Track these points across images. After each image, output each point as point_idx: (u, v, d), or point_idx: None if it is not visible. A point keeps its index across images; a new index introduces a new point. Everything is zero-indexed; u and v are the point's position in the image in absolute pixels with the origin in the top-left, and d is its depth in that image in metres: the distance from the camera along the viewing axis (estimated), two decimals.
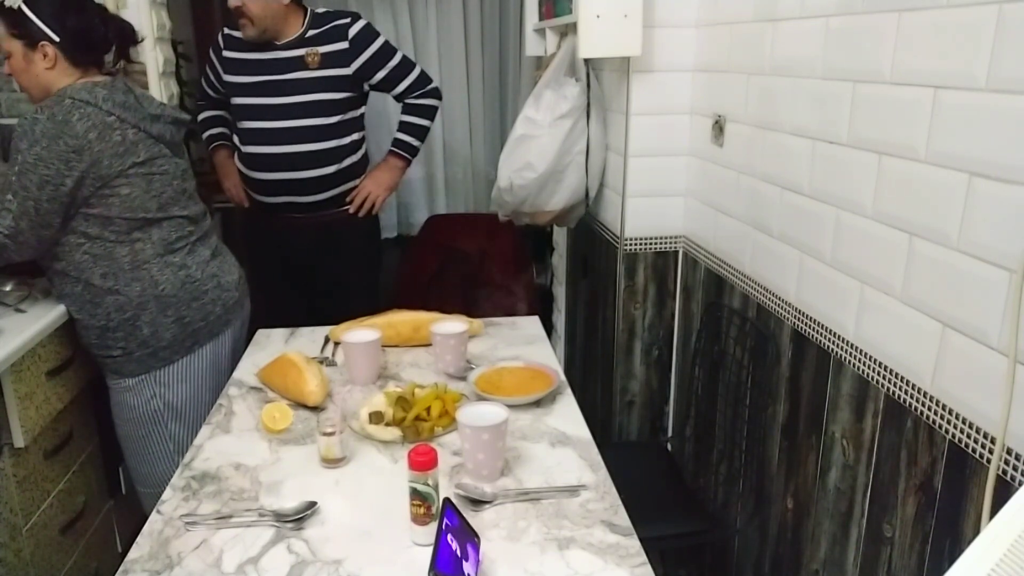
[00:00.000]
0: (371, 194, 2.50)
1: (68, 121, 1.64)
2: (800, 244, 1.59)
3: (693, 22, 2.04)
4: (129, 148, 1.72)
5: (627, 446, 2.35)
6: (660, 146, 2.14)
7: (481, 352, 1.78)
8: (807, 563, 1.61)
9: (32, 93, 1.80)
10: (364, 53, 2.38)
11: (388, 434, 1.38)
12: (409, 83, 2.47)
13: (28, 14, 1.70)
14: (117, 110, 1.71)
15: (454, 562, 0.96)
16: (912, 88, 1.21)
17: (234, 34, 2.40)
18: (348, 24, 2.37)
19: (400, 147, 2.54)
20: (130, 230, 1.76)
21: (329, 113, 2.37)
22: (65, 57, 1.74)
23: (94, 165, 1.67)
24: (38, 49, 1.72)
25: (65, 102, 1.66)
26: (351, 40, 2.36)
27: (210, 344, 1.91)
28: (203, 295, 1.87)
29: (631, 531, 1.13)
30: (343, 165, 2.43)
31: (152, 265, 1.79)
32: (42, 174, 1.63)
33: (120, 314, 1.78)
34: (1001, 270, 1.05)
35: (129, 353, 1.81)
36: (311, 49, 2.35)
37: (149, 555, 1.10)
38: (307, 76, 2.35)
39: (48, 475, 1.80)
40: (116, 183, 1.71)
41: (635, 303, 2.28)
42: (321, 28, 2.37)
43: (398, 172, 2.57)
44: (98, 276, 1.76)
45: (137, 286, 1.78)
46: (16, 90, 2.48)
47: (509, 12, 3.80)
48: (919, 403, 1.23)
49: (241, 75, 2.39)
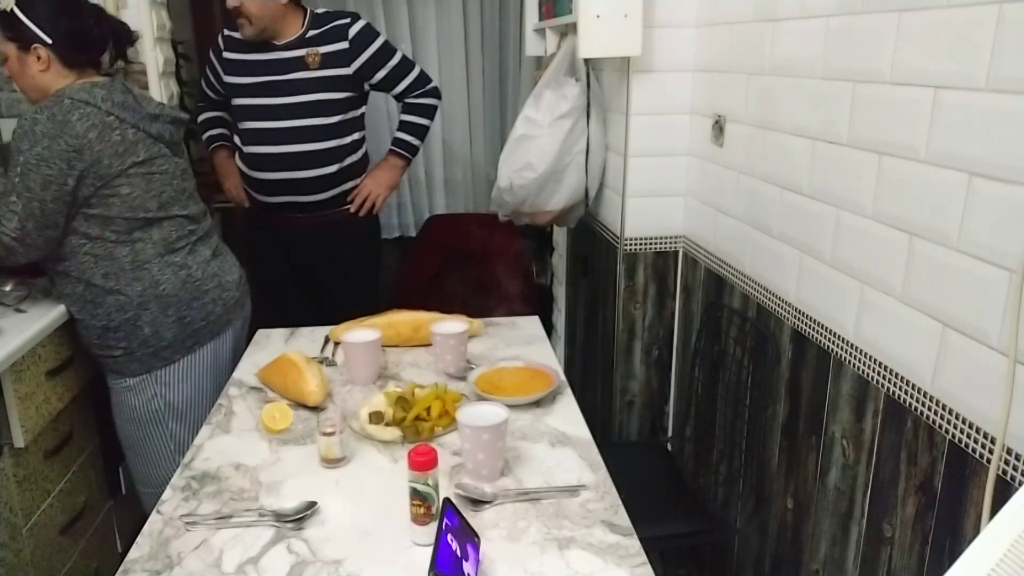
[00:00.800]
0: (371, 193, 2.51)
1: (68, 121, 1.64)
2: (800, 244, 1.59)
3: (693, 22, 2.04)
4: (129, 148, 1.72)
5: (627, 446, 2.35)
6: (660, 146, 2.14)
7: (481, 352, 1.78)
8: (807, 563, 1.61)
9: (29, 95, 1.81)
10: (364, 53, 2.38)
11: (388, 434, 1.38)
12: (409, 82, 2.47)
13: (20, 17, 1.71)
14: (116, 110, 1.71)
15: (454, 562, 0.96)
16: (912, 88, 1.21)
17: (234, 35, 2.40)
18: (348, 24, 2.37)
19: (400, 146, 2.54)
20: (131, 230, 1.76)
21: (330, 113, 2.37)
22: (59, 59, 1.74)
23: (94, 164, 1.67)
24: (31, 51, 1.72)
25: (64, 102, 1.66)
26: (351, 40, 2.36)
27: (211, 344, 1.91)
28: (204, 295, 1.88)
29: (631, 531, 1.13)
30: (344, 164, 2.43)
31: (153, 265, 1.80)
32: (45, 174, 1.63)
33: (121, 314, 1.78)
34: (1001, 270, 1.05)
35: (130, 353, 1.81)
36: (311, 49, 2.35)
37: (149, 555, 1.10)
38: (308, 76, 2.35)
39: (48, 475, 1.80)
40: (116, 183, 1.71)
41: (635, 303, 2.28)
42: (321, 28, 2.37)
43: (398, 171, 2.57)
44: (99, 276, 1.76)
45: (138, 286, 1.78)
46: (16, 90, 2.49)
47: (509, 12, 3.80)
48: (919, 403, 1.23)
49: (241, 76, 2.40)
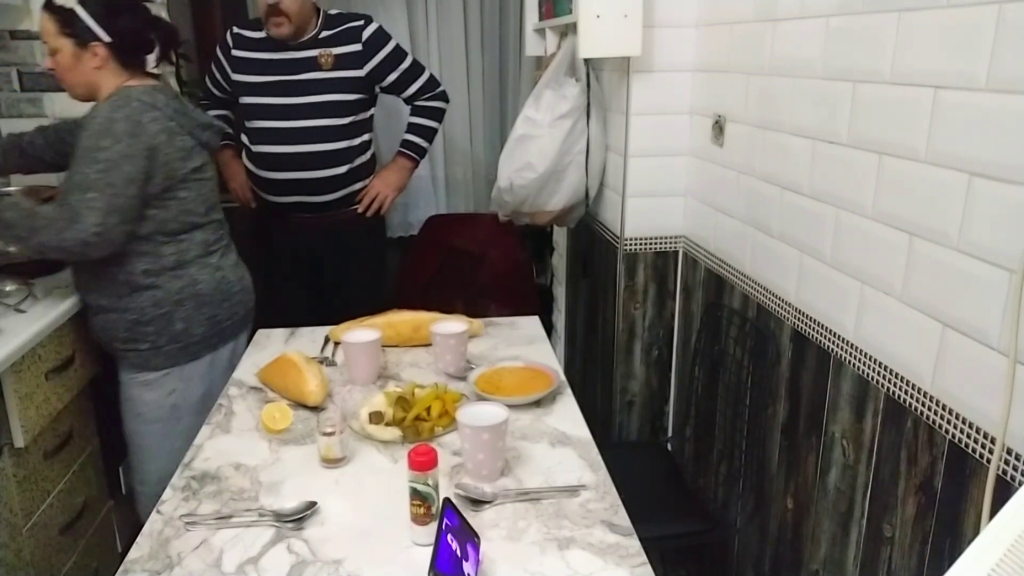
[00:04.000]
0: (379, 194, 2.52)
1: (141, 122, 1.67)
2: (800, 244, 1.59)
3: (693, 22, 2.04)
4: (188, 154, 1.77)
5: (627, 446, 2.35)
6: (660, 146, 2.14)
7: (481, 352, 1.78)
8: (807, 563, 1.61)
9: (76, 92, 1.80)
10: (377, 56, 2.38)
11: (388, 434, 1.38)
12: (419, 86, 2.48)
13: (81, 14, 1.70)
14: (176, 116, 1.75)
15: (454, 562, 0.96)
16: (912, 88, 1.21)
17: (244, 33, 2.39)
18: (362, 27, 2.38)
19: (409, 148, 2.55)
20: (179, 232, 1.80)
21: (341, 114, 2.37)
22: (115, 58, 1.74)
23: (165, 166, 1.71)
24: (88, 48, 1.72)
25: (134, 104, 1.68)
26: (365, 42, 2.37)
27: (231, 343, 1.95)
28: (232, 296, 1.92)
29: (631, 531, 1.13)
30: (353, 165, 2.43)
31: (192, 265, 1.83)
32: (127, 171, 1.64)
33: (156, 309, 1.80)
34: (1001, 270, 1.05)
35: (158, 347, 1.83)
36: (324, 50, 2.34)
37: (149, 555, 1.10)
38: (320, 77, 2.35)
39: (48, 475, 1.80)
40: (178, 186, 1.76)
41: (635, 303, 2.28)
42: (334, 29, 2.37)
43: (406, 173, 2.58)
44: (140, 272, 1.78)
45: (178, 283, 1.81)
46: (16, 90, 2.49)
47: (509, 12, 3.80)
48: (919, 403, 1.23)
49: (251, 74, 2.38)
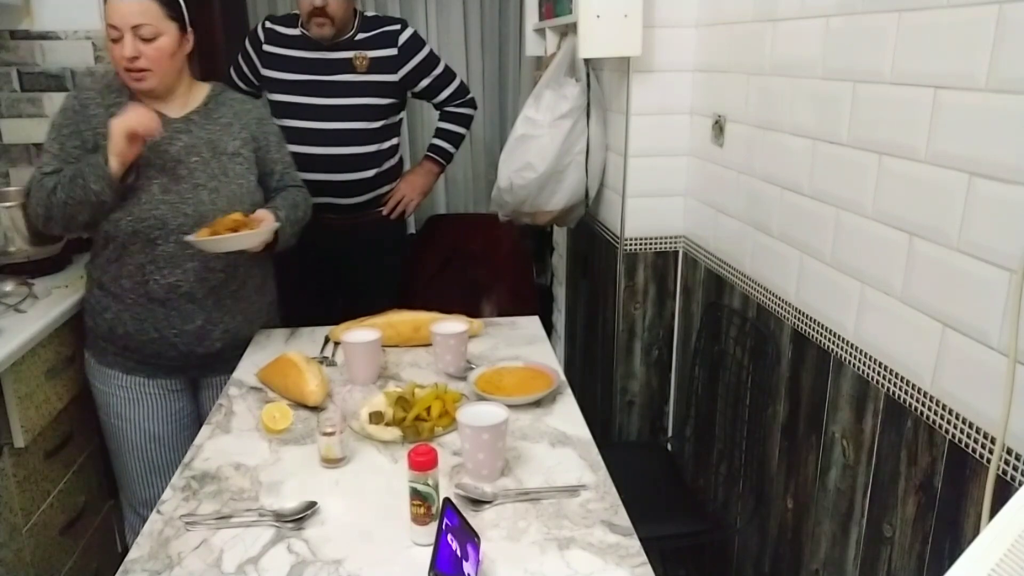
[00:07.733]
0: (405, 197, 2.52)
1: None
2: (800, 244, 1.59)
3: (693, 22, 2.04)
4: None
5: (627, 446, 2.35)
6: (660, 146, 2.14)
7: (481, 352, 1.78)
8: (807, 563, 1.61)
9: (164, 81, 1.68)
10: (412, 61, 2.38)
11: (388, 434, 1.38)
12: (450, 92, 2.49)
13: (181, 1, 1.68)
14: None
15: (454, 562, 0.96)
16: (912, 88, 1.21)
17: (278, 28, 2.37)
18: (398, 31, 2.37)
19: (437, 153, 2.56)
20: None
21: (374, 117, 2.37)
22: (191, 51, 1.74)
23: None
24: (187, 35, 1.70)
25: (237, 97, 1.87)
26: (400, 47, 2.36)
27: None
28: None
29: (631, 531, 1.13)
30: (382, 169, 2.44)
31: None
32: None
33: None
34: (1001, 270, 1.05)
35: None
36: (360, 52, 2.33)
37: (149, 555, 1.10)
38: (355, 79, 2.34)
39: (48, 475, 1.80)
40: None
41: (635, 303, 2.28)
42: (370, 32, 2.36)
43: (432, 177, 2.60)
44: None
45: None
46: (16, 90, 2.45)
47: (509, 12, 3.80)
48: (919, 403, 1.23)
49: (282, 71, 2.36)
